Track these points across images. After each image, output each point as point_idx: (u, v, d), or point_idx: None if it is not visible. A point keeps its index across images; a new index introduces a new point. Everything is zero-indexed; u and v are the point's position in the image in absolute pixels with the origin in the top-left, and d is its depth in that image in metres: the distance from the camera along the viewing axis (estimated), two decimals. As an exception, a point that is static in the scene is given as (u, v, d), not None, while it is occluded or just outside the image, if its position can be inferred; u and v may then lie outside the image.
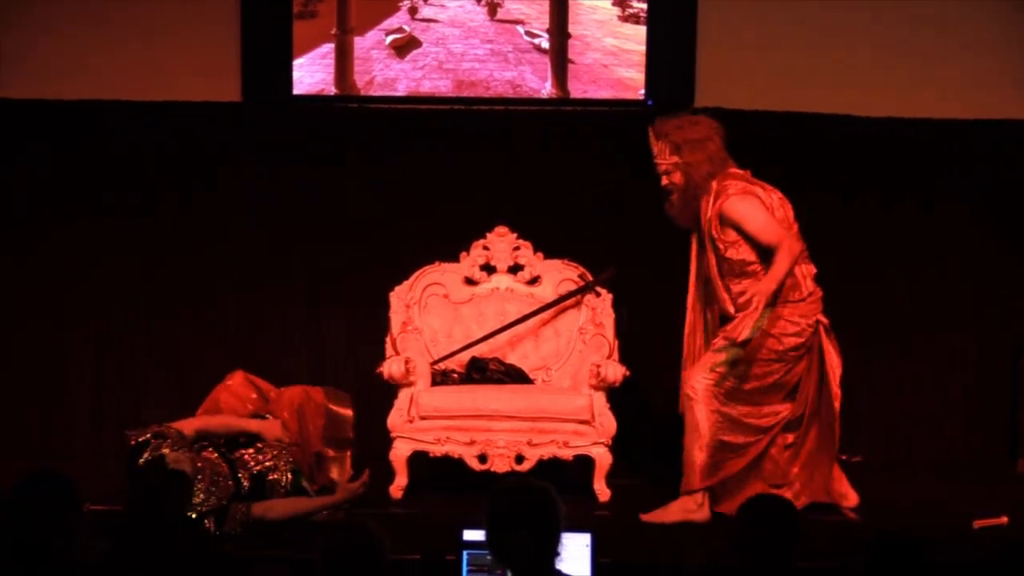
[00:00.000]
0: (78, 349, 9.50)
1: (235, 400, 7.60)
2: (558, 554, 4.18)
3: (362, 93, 9.57)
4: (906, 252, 9.58)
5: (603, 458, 7.78)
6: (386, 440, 7.80)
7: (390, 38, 9.57)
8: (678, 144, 7.30)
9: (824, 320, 7.43)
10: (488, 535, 4.16)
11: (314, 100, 9.57)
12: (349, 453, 7.81)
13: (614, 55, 9.54)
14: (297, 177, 9.52)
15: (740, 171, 7.41)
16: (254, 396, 7.66)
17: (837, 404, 7.49)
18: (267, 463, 7.08)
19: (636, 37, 9.51)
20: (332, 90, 9.57)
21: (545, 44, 9.55)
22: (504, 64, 9.56)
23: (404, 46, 9.57)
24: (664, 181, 7.41)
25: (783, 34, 9.50)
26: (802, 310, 7.35)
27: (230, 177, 9.50)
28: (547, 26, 9.55)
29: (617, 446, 7.84)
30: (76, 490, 4.46)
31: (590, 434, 7.77)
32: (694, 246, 7.57)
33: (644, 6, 9.46)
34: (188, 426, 6.97)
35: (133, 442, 6.76)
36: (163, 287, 9.50)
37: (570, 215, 9.32)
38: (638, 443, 9.36)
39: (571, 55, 9.55)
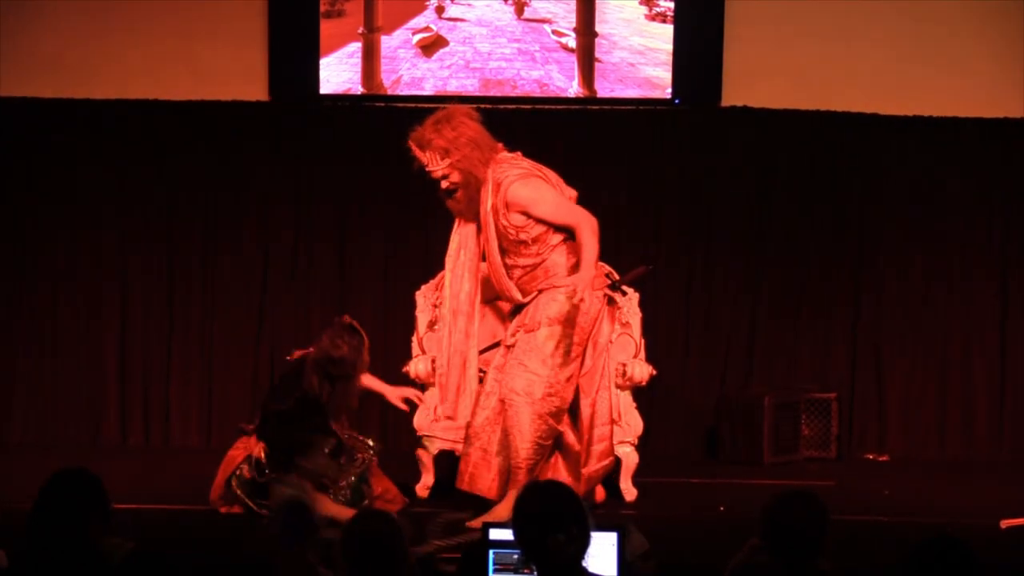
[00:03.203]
0: (107, 347, 9.55)
1: None
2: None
3: (389, 92, 9.59)
4: (931, 250, 9.54)
5: (629, 457, 7.77)
6: (413, 440, 7.80)
7: (417, 37, 9.58)
8: (444, 147, 7.12)
9: (610, 292, 7.38)
10: (519, 536, 4.15)
11: (341, 99, 9.60)
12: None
13: (641, 54, 9.52)
14: (324, 176, 9.54)
15: (510, 153, 7.29)
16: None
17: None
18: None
19: (663, 36, 9.50)
20: (359, 89, 9.59)
21: (572, 43, 9.55)
22: (531, 63, 9.56)
23: (431, 45, 9.57)
24: (444, 184, 7.20)
25: (810, 33, 9.49)
26: (597, 284, 7.28)
27: (257, 177, 9.53)
28: (574, 25, 9.55)
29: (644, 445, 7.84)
30: (104, 489, 4.47)
31: (617, 433, 7.70)
32: (458, 236, 7.37)
33: (671, 5, 9.46)
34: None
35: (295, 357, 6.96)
36: (190, 286, 9.54)
37: (597, 213, 9.28)
38: (664, 442, 9.37)
39: (598, 54, 9.54)
